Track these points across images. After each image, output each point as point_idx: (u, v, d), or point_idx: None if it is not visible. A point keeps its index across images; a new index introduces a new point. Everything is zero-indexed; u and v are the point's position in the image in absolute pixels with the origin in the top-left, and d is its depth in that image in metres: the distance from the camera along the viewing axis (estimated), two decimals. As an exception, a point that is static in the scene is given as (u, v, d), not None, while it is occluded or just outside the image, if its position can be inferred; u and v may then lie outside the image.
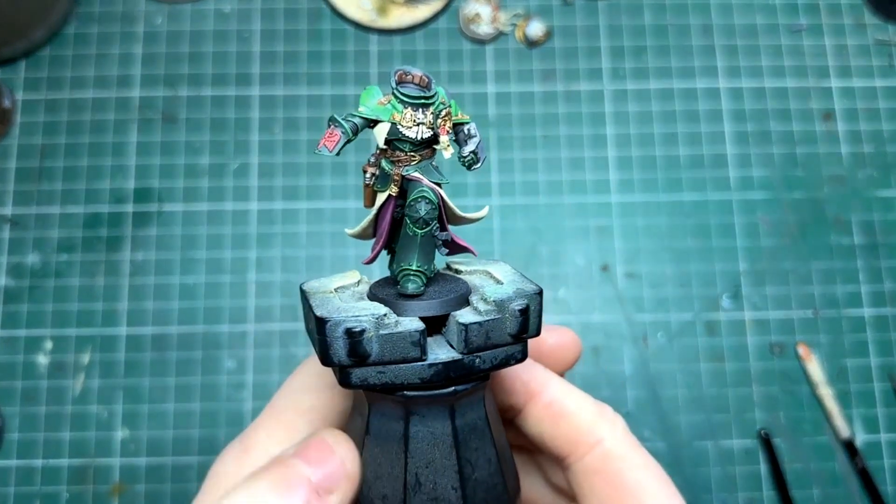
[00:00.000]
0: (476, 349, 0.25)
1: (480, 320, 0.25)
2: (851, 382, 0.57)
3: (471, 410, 0.26)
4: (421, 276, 0.26)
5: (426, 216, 0.25)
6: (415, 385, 0.25)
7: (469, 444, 0.26)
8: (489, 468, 0.27)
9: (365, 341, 0.24)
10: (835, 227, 0.60)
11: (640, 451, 0.29)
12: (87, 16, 0.62)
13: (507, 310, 0.25)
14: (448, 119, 0.25)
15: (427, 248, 0.26)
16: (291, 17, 0.63)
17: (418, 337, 0.24)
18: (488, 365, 0.25)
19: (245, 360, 0.56)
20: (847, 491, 0.55)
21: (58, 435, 0.55)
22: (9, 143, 0.60)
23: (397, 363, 0.24)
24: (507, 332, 0.25)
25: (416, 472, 0.26)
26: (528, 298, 0.25)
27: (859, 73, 0.63)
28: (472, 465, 0.26)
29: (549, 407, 0.29)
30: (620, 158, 0.61)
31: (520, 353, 0.26)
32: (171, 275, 0.58)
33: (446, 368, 0.25)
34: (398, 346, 0.24)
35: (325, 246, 0.58)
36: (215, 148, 0.60)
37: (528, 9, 0.63)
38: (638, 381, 0.56)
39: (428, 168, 0.26)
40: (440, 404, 0.26)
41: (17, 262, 0.58)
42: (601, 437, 0.28)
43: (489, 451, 0.27)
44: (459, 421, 0.26)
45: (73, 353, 0.56)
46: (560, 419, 0.29)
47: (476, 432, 0.26)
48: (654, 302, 0.58)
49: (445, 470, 0.26)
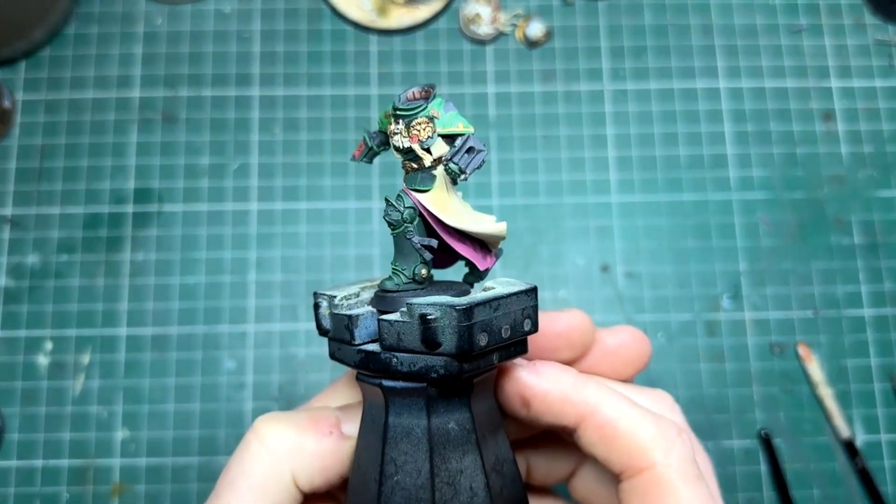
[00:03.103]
0: (390, 348, 0.26)
1: (392, 319, 0.26)
2: (851, 382, 0.57)
3: (407, 414, 0.26)
4: (399, 275, 0.28)
5: (387, 218, 0.28)
6: (351, 366, 0.28)
7: (399, 445, 0.26)
8: (416, 479, 0.26)
9: (321, 316, 0.29)
10: (835, 227, 0.60)
11: (693, 485, 0.27)
12: (88, 16, 0.62)
13: (414, 316, 0.25)
14: (421, 128, 0.27)
15: (404, 250, 0.28)
16: (291, 17, 0.63)
17: (347, 322, 0.27)
18: (406, 369, 0.26)
19: (245, 361, 0.56)
20: (847, 491, 0.55)
21: (58, 435, 0.55)
22: (9, 143, 0.60)
23: (341, 342, 0.28)
24: (417, 339, 0.25)
25: (359, 452, 0.28)
26: (443, 311, 0.25)
27: (859, 73, 0.63)
28: (395, 466, 0.26)
29: (600, 429, 0.28)
30: (620, 159, 0.61)
31: (442, 368, 0.25)
32: (172, 275, 0.58)
33: (367, 358, 0.27)
34: (339, 326, 0.28)
35: (325, 246, 0.59)
36: (215, 148, 0.60)
37: (528, 9, 0.63)
38: (638, 381, 0.56)
39: (414, 175, 0.28)
40: (377, 396, 0.27)
41: (17, 262, 0.58)
42: (653, 462, 0.27)
43: (421, 465, 0.26)
44: (393, 419, 0.27)
45: (73, 353, 0.56)
46: (613, 442, 0.28)
47: (409, 438, 0.26)
48: (654, 302, 0.58)
49: (374, 460, 0.27)
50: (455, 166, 0.27)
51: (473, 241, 0.29)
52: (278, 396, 0.56)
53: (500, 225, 0.29)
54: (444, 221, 0.28)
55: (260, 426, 0.29)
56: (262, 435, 0.28)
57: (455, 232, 0.28)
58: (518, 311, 0.27)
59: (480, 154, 0.27)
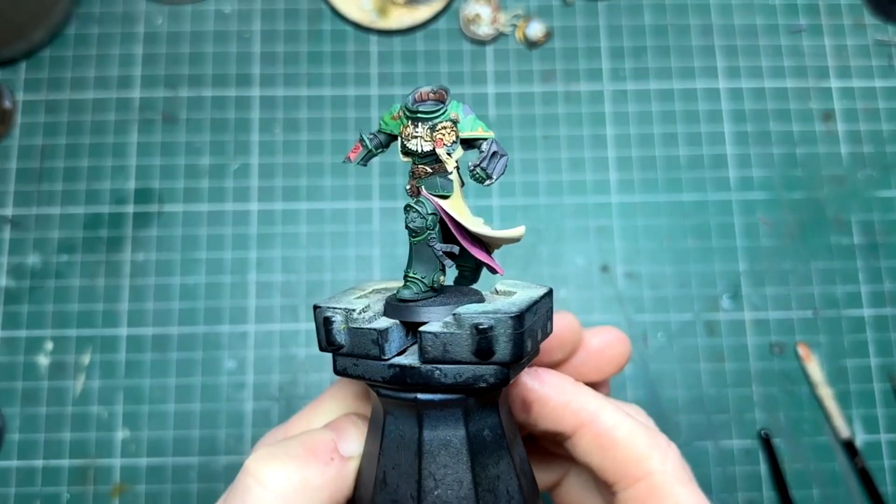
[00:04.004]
0: (433, 360, 0.25)
1: (437, 331, 0.25)
2: (851, 382, 0.57)
3: (444, 426, 0.26)
4: (417, 283, 0.27)
5: (411, 224, 0.27)
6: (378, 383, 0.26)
7: (437, 458, 0.26)
8: (458, 491, 0.26)
9: (335, 331, 0.26)
10: (835, 227, 0.60)
11: (689, 487, 0.28)
12: (88, 16, 0.63)
13: (465, 326, 0.25)
14: (446, 132, 0.26)
15: (424, 257, 0.27)
16: (291, 17, 0.63)
17: (376, 336, 0.25)
18: (450, 381, 0.25)
19: (245, 361, 0.56)
20: (847, 491, 0.55)
21: (58, 435, 0.55)
22: (9, 143, 0.60)
23: (363, 358, 0.26)
24: (467, 349, 0.25)
25: (384, 470, 0.27)
26: (497, 320, 0.24)
27: (859, 73, 0.63)
28: (435, 481, 0.26)
29: (598, 437, 0.28)
30: (620, 159, 0.61)
31: (492, 377, 0.25)
32: (172, 275, 0.58)
33: (403, 373, 0.25)
34: (362, 341, 0.26)
35: (325, 246, 0.59)
36: (216, 148, 0.60)
37: (528, 9, 0.63)
38: (638, 381, 0.57)
39: (433, 181, 0.27)
40: (406, 409, 0.26)
41: (17, 262, 0.58)
42: (650, 470, 0.28)
43: (462, 475, 0.26)
44: (429, 433, 0.26)
45: (73, 353, 0.56)
46: (609, 450, 0.28)
47: (448, 450, 0.26)
48: (654, 302, 0.58)
49: (408, 476, 0.26)
50: (482, 171, 0.26)
51: (482, 244, 0.29)
52: (278, 396, 0.56)
53: (518, 230, 0.28)
54: (466, 227, 0.27)
55: (257, 469, 0.26)
56: (262, 478, 0.26)
57: (470, 237, 0.28)
58: (544, 314, 0.27)
59: (504, 158, 0.27)
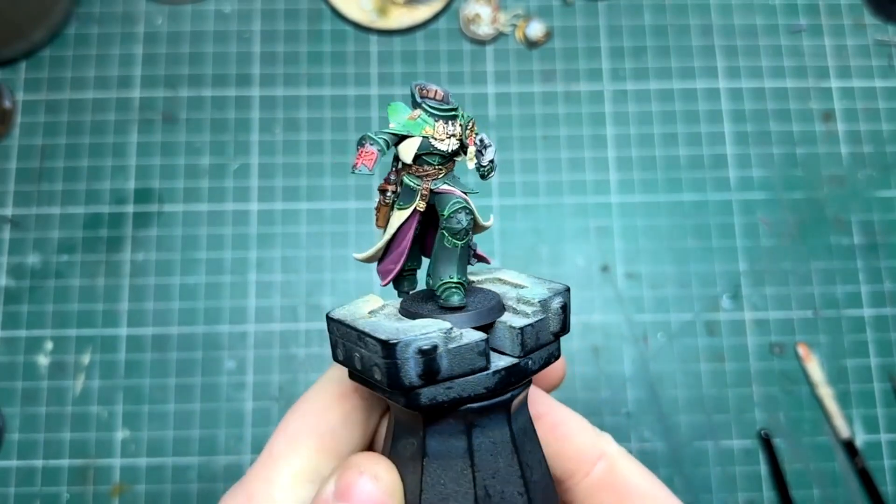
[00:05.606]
0: (530, 350, 0.25)
1: (532, 322, 0.25)
2: (851, 382, 0.57)
3: (521, 414, 0.27)
4: (461, 288, 0.26)
5: (468, 226, 0.26)
6: (480, 396, 0.25)
7: (524, 447, 0.26)
8: (541, 468, 0.27)
9: (438, 358, 0.24)
10: (835, 227, 0.60)
11: (638, 462, 0.30)
12: (88, 16, 0.63)
13: (550, 309, 0.26)
14: (474, 129, 0.26)
15: (464, 260, 0.27)
16: (291, 17, 0.63)
17: (484, 346, 0.24)
18: (538, 365, 0.26)
19: (245, 361, 0.56)
20: (847, 491, 0.55)
21: (58, 435, 0.55)
22: (9, 143, 0.60)
23: (464, 376, 0.24)
24: (550, 331, 0.26)
25: (484, 484, 0.25)
26: (563, 296, 0.26)
27: (859, 73, 0.63)
28: (530, 468, 0.26)
29: (555, 428, 0.30)
30: (620, 159, 0.61)
31: (557, 350, 0.27)
32: (172, 275, 0.58)
33: (508, 374, 0.25)
34: (466, 358, 0.24)
35: (325, 246, 0.59)
36: (215, 148, 0.60)
37: (528, 9, 0.63)
38: (638, 381, 0.57)
39: (455, 179, 0.26)
40: (499, 412, 0.26)
41: (17, 262, 0.58)
42: (606, 451, 0.30)
43: (539, 452, 0.27)
44: (515, 426, 0.26)
45: (73, 353, 0.56)
46: (566, 440, 0.30)
47: (528, 434, 0.27)
48: (654, 302, 0.58)
49: (510, 477, 0.26)
50: (491, 164, 0.26)
51: None
52: (278, 396, 0.56)
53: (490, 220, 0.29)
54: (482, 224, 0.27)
55: None
56: None
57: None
58: None
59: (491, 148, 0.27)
